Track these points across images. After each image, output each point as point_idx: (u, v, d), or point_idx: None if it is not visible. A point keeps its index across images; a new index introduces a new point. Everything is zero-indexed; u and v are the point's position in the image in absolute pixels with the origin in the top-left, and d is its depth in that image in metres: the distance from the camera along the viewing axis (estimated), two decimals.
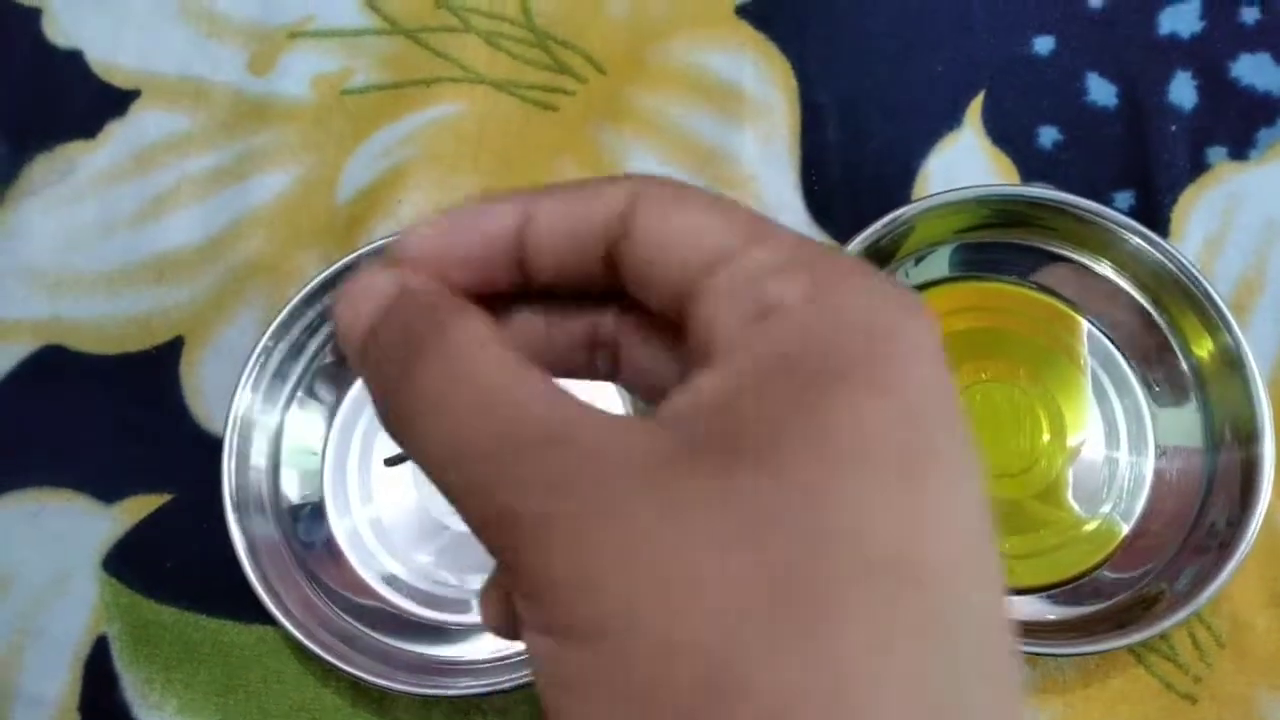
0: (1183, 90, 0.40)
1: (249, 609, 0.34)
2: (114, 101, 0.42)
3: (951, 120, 0.40)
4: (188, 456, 0.37)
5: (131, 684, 0.35)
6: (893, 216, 0.35)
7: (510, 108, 0.41)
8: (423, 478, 0.35)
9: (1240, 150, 0.39)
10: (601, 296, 0.19)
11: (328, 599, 0.34)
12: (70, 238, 0.40)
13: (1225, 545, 0.31)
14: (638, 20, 0.42)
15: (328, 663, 0.32)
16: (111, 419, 0.38)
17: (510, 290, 0.19)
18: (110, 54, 0.42)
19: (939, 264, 0.37)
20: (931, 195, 0.35)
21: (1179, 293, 0.34)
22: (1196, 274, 0.33)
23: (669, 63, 0.41)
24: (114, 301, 0.39)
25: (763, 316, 0.16)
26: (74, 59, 0.42)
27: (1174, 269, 0.34)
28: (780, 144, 0.40)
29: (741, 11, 0.42)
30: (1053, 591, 0.33)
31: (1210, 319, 0.33)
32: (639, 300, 0.19)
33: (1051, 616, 0.32)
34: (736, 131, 0.40)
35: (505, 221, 0.18)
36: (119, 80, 0.42)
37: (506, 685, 0.32)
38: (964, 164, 0.40)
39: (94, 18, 0.43)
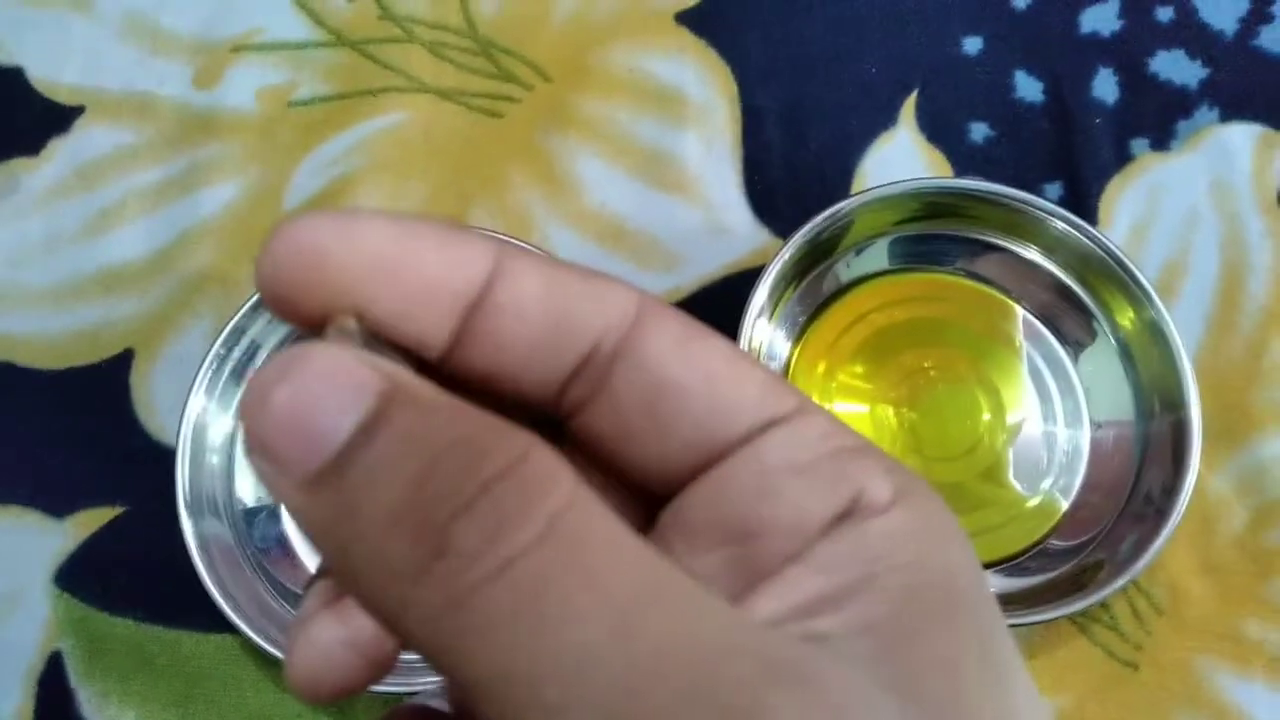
0: (1105, 86, 0.42)
1: (205, 618, 0.34)
2: (57, 118, 0.41)
3: (887, 119, 0.41)
4: (139, 468, 0.37)
5: (87, 699, 0.35)
6: (833, 211, 0.36)
7: (456, 116, 0.42)
8: None
9: (1161, 141, 0.41)
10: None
11: (284, 601, 0.34)
12: (15, 254, 0.40)
13: (1161, 512, 0.32)
14: (580, 28, 0.43)
15: None
16: (61, 433, 0.38)
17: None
18: (52, 71, 0.42)
19: (878, 256, 0.38)
20: (869, 189, 0.36)
21: (1104, 272, 0.35)
22: (1118, 252, 0.35)
23: (612, 69, 0.42)
24: (61, 316, 0.39)
25: (856, 515, 0.14)
26: (15, 77, 0.42)
27: (1098, 250, 0.35)
28: (723, 146, 0.41)
29: (682, 18, 0.43)
30: (998, 567, 0.34)
31: (1134, 294, 0.35)
32: (591, 432, 0.15)
33: (996, 590, 0.33)
34: (680, 135, 0.41)
35: (476, 266, 0.14)
36: (62, 97, 0.42)
37: None
38: (900, 161, 0.41)
39: (35, 35, 0.43)
